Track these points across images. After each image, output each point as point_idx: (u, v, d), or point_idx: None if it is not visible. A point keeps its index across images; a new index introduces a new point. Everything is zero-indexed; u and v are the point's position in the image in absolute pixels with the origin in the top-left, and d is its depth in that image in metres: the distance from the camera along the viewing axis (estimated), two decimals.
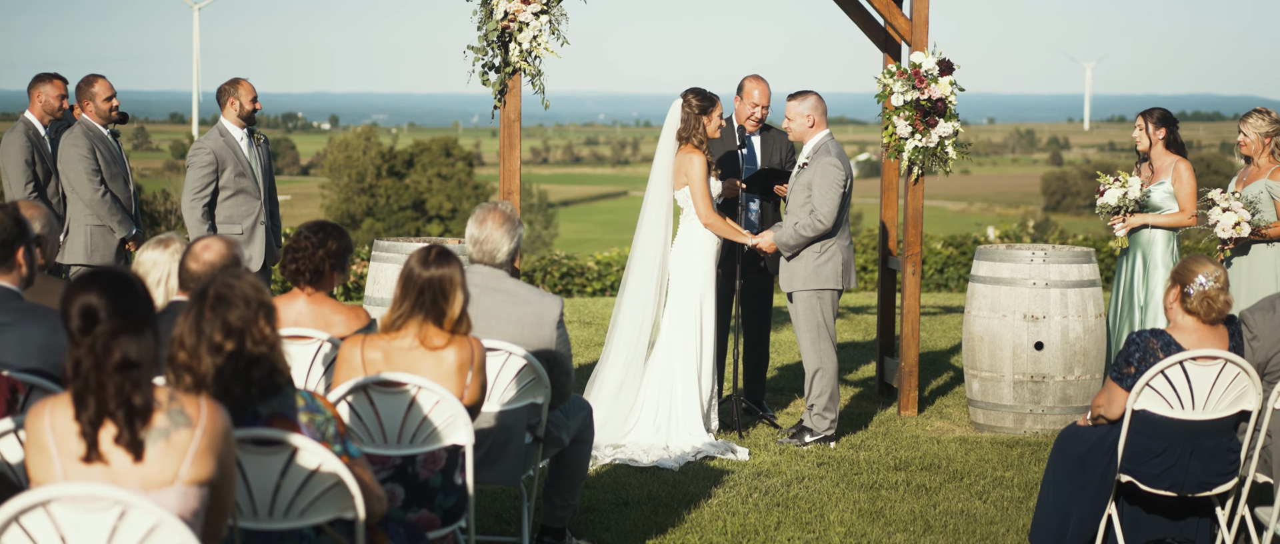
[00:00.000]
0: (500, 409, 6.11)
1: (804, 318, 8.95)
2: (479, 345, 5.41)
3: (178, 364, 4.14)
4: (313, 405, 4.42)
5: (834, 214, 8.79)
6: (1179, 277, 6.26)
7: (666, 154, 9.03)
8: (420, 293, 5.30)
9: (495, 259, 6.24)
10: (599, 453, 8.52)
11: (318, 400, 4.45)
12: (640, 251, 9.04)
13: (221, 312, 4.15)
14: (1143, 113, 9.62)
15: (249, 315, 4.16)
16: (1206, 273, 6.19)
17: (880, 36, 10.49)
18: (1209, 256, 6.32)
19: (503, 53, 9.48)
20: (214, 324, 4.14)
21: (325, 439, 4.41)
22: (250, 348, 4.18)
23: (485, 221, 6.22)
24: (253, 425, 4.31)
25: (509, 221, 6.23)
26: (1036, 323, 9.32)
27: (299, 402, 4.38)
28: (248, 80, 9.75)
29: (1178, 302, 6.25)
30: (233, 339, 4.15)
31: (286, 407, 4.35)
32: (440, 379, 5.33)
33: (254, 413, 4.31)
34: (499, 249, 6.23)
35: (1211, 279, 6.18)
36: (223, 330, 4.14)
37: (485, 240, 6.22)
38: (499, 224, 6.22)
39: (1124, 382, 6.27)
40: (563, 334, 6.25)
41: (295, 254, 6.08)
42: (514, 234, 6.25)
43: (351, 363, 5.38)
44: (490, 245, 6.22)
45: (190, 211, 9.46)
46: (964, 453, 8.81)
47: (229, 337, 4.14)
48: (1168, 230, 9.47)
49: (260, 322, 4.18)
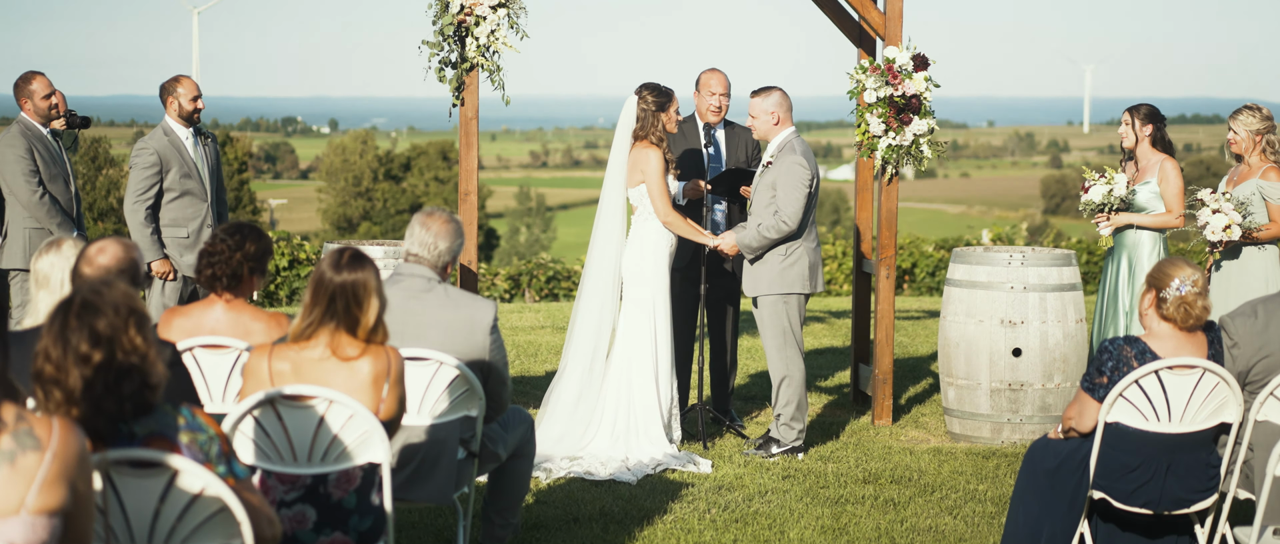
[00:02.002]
0: (431, 423, 5.74)
1: (769, 324, 8.57)
2: (396, 356, 5.03)
3: (45, 379, 3.77)
4: (194, 423, 4.05)
5: (799, 215, 8.42)
6: (1154, 280, 5.88)
7: (622, 154, 8.67)
8: (332, 299, 4.93)
9: (428, 261, 5.90)
10: (555, 465, 8.14)
11: (199, 418, 4.08)
12: (596, 256, 8.67)
13: (88, 319, 3.77)
14: (1130, 108, 9.25)
15: (118, 323, 3.79)
16: (1183, 276, 5.82)
17: (854, 31, 10.11)
18: (1186, 259, 5.94)
19: (460, 48, 9.11)
20: (80, 334, 3.76)
21: (209, 460, 4.04)
22: (120, 359, 3.81)
23: (430, 223, 5.93)
24: (128, 446, 3.93)
25: (453, 224, 5.96)
26: (1014, 328, 8.94)
27: (179, 420, 4.01)
28: (190, 78, 9.37)
29: (1154, 307, 5.88)
30: (101, 349, 3.77)
31: (165, 425, 3.98)
32: (354, 392, 4.95)
33: (129, 433, 3.94)
34: (433, 251, 5.92)
35: (1189, 283, 5.81)
36: (90, 339, 3.77)
37: (431, 243, 5.92)
38: (444, 225, 5.93)
39: (1096, 392, 5.89)
40: (497, 341, 5.88)
41: (211, 258, 5.71)
42: (456, 239, 5.96)
43: (258, 375, 5.01)
44: (434, 248, 5.92)
45: (133, 215, 9.09)
46: (937, 465, 8.44)
47: (97, 346, 3.77)
48: (1155, 232, 9.10)
49: (131, 330, 3.81)
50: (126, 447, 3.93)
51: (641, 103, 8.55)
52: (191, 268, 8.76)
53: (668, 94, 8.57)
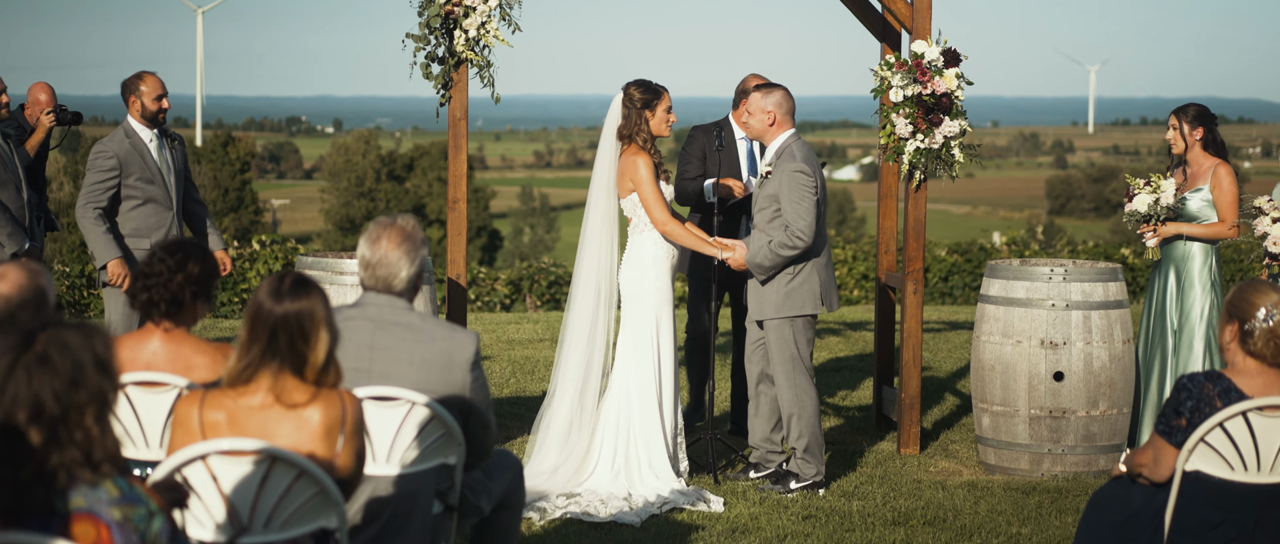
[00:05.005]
0: (401, 473, 4.93)
1: (776, 349, 7.74)
2: (353, 401, 4.23)
3: None
4: (132, 496, 3.27)
5: (812, 228, 7.59)
6: (1236, 311, 5.07)
7: (607, 157, 7.86)
8: (273, 334, 4.12)
9: (392, 286, 4.98)
10: (550, 505, 7.33)
11: (139, 490, 3.30)
12: (585, 268, 7.86)
13: (37, 382, 3.05)
14: (1176, 110, 8.44)
15: (74, 400, 3.08)
16: (1271, 304, 5.02)
17: (878, 24, 9.30)
18: (1272, 284, 5.14)
19: (447, 42, 8.32)
20: (19, 401, 3.04)
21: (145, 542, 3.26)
22: (64, 438, 3.08)
23: (380, 240, 4.94)
24: (48, 524, 3.15)
25: (409, 240, 4.95)
26: (1055, 350, 8.13)
27: (111, 491, 3.23)
28: (155, 75, 8.56)
29: (1236, 341, 5.08)
30: (41, 428, 3.05)
31: (93, 500, 3.20)
32: (303, 445, 4.15)
33: (51, 508, 3.16)
34: (396, 274, 4.95)
35: (1278, 311, 5.00)
36: (30, 411, 3.04)
37: (379, 263, 4.94)
38: (397, 243, 4.93)
39: (1172, 437, 5.09)
40: (479, 378, 5.06)
41: (148, 281, 4.92)
42: (416, 256, 4.97)
43: (188, 427, 4.20)
44: (385, 269, 4.95)
45: (82, 217, 8.27)
46: (972, 502, 7.62)
47: (37, 422, 3.05)
48: (1206, 243, 8.31)
49: (88, 417, 3.09)
50: (45, 524, 3.15)
51: (626, 101, 7.76)
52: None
53: (656, 91, 7.77)
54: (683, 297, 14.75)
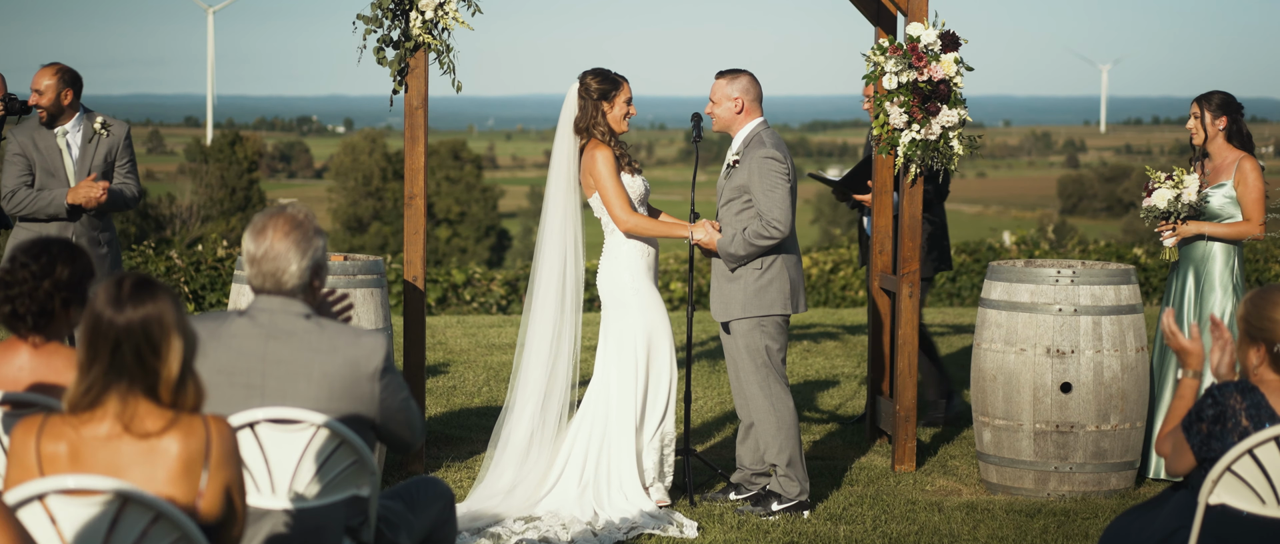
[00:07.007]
0: (304, 507, 4.27)
1: (745, 354, 7.08)
2: (220, 427, 3.56)
3: None
4: None
5: (788, 217, 6.95)
6: (1258, 330, 4.42)
7: (564, 152, 7.23)
8: (116, 348, 3.46)
9: (283, 283, 4.25)
10: (505, 530, 6.67)
11: None
12: (543, 274, 7.21)
13: None
14: (1199, 97, 7.78)
15: None
16: None
17: (871, 7, 8.63)
18: None
19: (402, 24, 7.67)
20: None
21: None
22: None
23: (264, 231, 4.20)
24: None
25: (299, 229, 4.22)
26: (1063, 359, 7.46)
27: None
28: (45, 67, 8.14)
29: (1266, 364, 4.43)
30: None
31: None
32: (158, 483, 3.49)
33: None
34: (284, 269, 4.22)
35: None
36: None
37: (264, 257, 4.21)
38: (284, 233, 4.21)
39: (1190, 436, 4.48)
40: (392, 382, 4.33)
41: (9, 289, 4.26)
42: (308, 248, 4.23)
43: (23, 461, 3.53)
44: (272, 264, 4.21)
45: (7, 205, 8.00)
46: (971, 526, 6.95)
47: None
48: (1228, 243, 7.64)
49: None
50: None
51: (582, 91, 7.13)
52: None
53: (615, 81, 7.14)
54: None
